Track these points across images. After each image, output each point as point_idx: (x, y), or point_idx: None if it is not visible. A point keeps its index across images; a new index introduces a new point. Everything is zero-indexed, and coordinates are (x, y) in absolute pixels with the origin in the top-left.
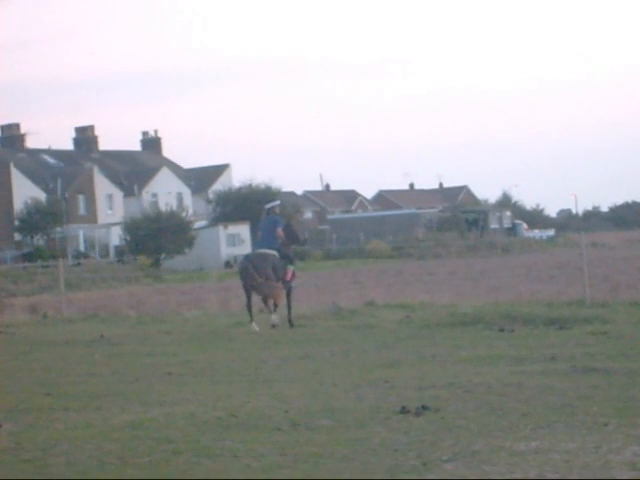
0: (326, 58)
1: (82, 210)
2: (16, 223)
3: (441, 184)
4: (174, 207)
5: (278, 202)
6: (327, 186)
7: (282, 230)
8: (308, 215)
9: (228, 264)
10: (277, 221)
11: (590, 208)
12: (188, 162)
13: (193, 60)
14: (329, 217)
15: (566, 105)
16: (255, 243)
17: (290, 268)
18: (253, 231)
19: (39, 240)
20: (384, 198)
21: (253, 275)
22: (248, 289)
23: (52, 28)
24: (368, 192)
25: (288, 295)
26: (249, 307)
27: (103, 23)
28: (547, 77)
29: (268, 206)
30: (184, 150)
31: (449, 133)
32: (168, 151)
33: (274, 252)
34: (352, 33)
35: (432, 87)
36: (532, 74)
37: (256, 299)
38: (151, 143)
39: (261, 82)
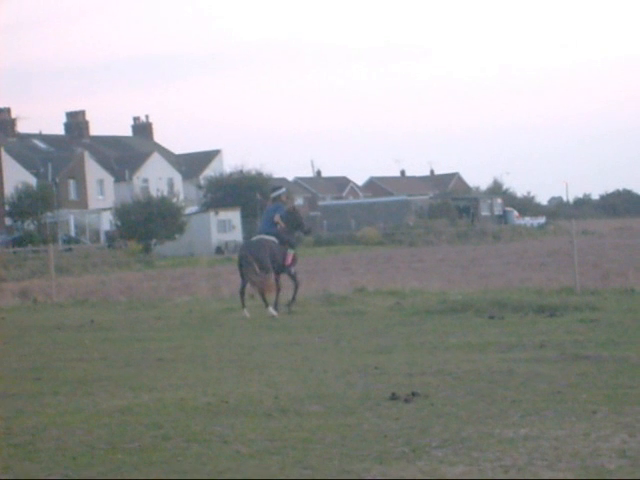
0: (318, 43)
1: (73, 195)
2: (6, 208)
3: (432, 171)
4: (165, 193)
5: (284, 190)
6: (318, 172)
7: (284, 216)
8: (299, 201)
9: (219, 250)
10: (278, 208)
11: (581, 196)
12: (179, 147)
13: (184, 45)
14: (320, 203)
15: (557, 93)
16: (257, 229)
17: (290, 252)
18: (244, 217)
19: (29, 225)
20: (375, 185)
21: (250, 265)
22: (244, 276)
23: (44, 13)
24: (359, 179)
25: (294, 279)
26: (242, 293)
27: (95, 8)
28: (538, 65)
29: (274, 194)
30: (175, 135)
31: (440, 120)
32: (159, 136)
33: (273, 238)
34: (345, 18)
35: (424, 74)
36: (523, 62)
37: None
38: (142, 128)
39: (253, 67)
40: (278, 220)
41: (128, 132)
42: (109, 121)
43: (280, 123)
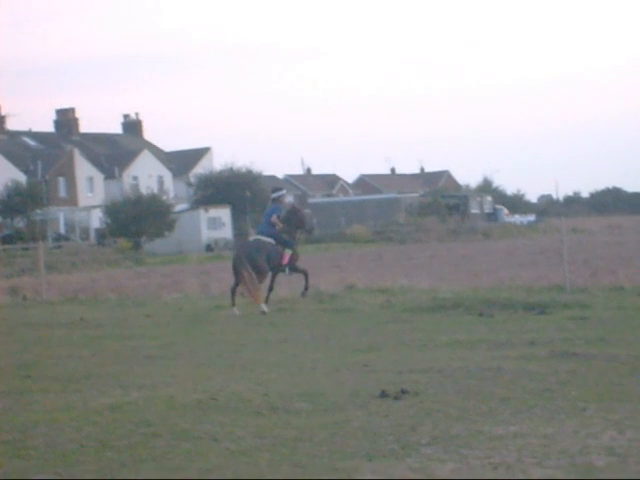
0: (306, 43)
1: (62, 192)
2: None
3: (422, 169)
4: (155, 190)
5: (284, 192)
6: (308, 170)
7: (287, 215)
8: (289, 199)
9: (209, 247)
10: (276, 209)
11: (571, 194)
12: (169, 145)
13: (175, 43)
14: (310, 201)
15: (547, 91)
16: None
17: (288, 252)
18: (234, 214)
19: (19, 222)
20: (365, 182)
21: (243, 265)
22: (237, 275)
23: (33, 9)
24: (349, 176)
25: (305, 274)
26: (233, 292)
27: (85, 4)
28: (526, 63)
29: (274, 195)
30: (165, 133)
31: (431, 118)
32: (149, 134)
33: (269, 239)
34: (336, 19)
35: (413, 72)
36: (511, 60)
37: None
38: (132, 126)
39: (242, 65)
40: (275, 221)
41: (118, 129)
42: (99, 118)
43: (270, 120)
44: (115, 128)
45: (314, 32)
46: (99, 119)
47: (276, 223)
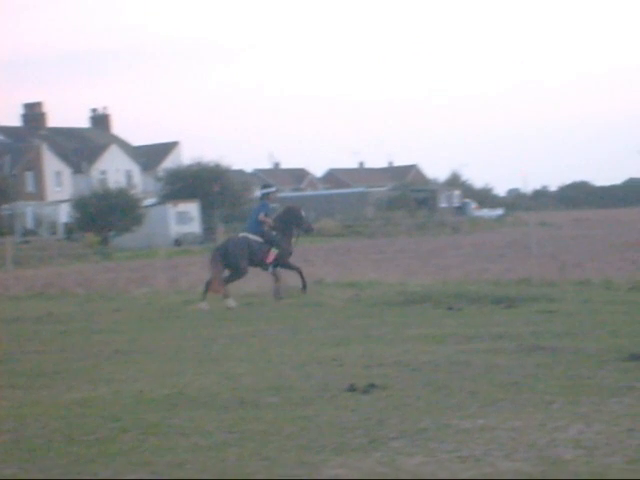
0: (272, 37)
1: (30, 187)
2: None
3: (391, 163)
4: (123, 184)
5: (274, 189)
6: (277, 164)
7: (284, 214)
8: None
9: (177, 242)
10: (263, 207)
11: (539, 187)
12: (137, 139)
13: (142, 37)
14: (279, 195)
15: (515, 84)
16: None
17: (273, 251)
18: (203, 209)
19: None
20: (334, 176)
21: (215, 261)
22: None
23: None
24: (318, 170)
25: (299, 272)
26: (207, 285)
27: None
28: (494, 57)
29: (263, 192)
30: (134, 127)
31: (399, 112)
32: (117, 128)
33: (257, 237)
34: (304, 13)
35: (380, 67)
36: (480, 55)
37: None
38: (100, 120)
39: (210, 59)
40: (264, 219)
41: (86, 124)
42: (67, 113)
43: (239, 115)
44: (83, 122)
45: (279, 26)
46: (67, 113)
47: (265, 221)
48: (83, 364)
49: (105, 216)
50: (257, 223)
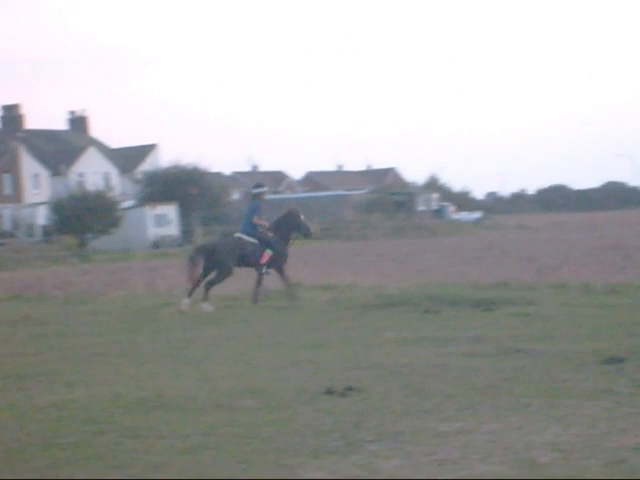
0: (250, 39)
1: (8, 189)
2: None
3: (369, 166)
4: (101, 187)
5: (265, 188)
6: (255, 167)
7: (284, 218)
8: (236, 196)
9: (155, 245)
10: (256, 208)
11: (517, 191)
12: (116, 142)
13: (121, 39)
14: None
15: (493, 88)
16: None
17: (268, 252)
18: (181, 211)
19: None
20: (312, 179)
21: (195, 258)
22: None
23: None
24: (296, 173)
25: (261, 277)
26: (207, 286)
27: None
28: (471, 60)
29: (255, 192)
30: (112, 130)
31: (378, 115)
32: (95, 130)
33: (250, 238)
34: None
35: (361, 67)
36: (458, 58)
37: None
38: (78, 122)
39: (187, 61)
40: (259, 221)
41: (64, 126)
42: (45, 115)
43: (217, 117)
44: (61, 124)
45: (254, 29)
46: (45, 115)
47: (261, 224)
48: (60, 367)
49: (83, 218)
50: (252, 225)
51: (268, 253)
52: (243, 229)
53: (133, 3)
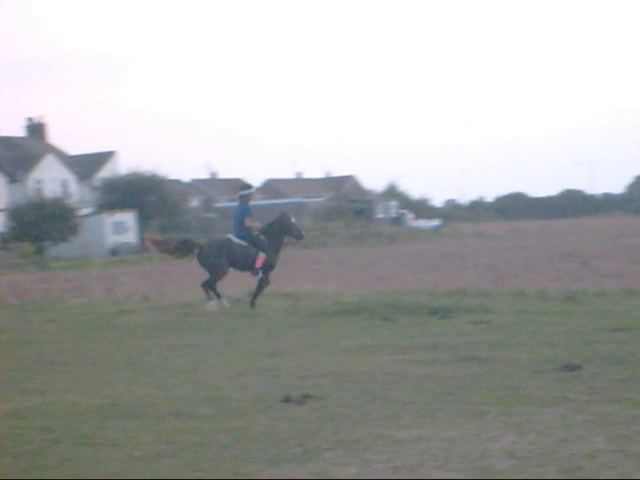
0: (212, 46)
1: None
2: None
3: (328, 173)
4: (59, 194)
5: (253, 190)
6: (214, 174)
7: (276, 221)
8: (195, 203)
9: (113, 252)
10: (245, 210)
11: (476, 198)
12: (74, 149)
13: (78, 46)
14: (216, 205)
15: (452, 98)
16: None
17: (261, 256)
18: (140, 219)
19: None
20: (271, 187)
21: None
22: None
23: None
24: (256, 181)
25: (261, 286)
26: (211, 287)
27: None
28: (430, 70)
29: (242, 193)
30: (70, 137)
31: (337, 123)
32: (53, 137)
33: (239, 241)
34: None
35: (321, 75)
36: (419, 67)
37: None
38: (36, 129)
39: (146, 67)
40: (251, 224)
41: (22, 133)
42: (2, 121)
43: (176, 125)
44: (19, 131)
45: (212, 36)
46: (2, 122)
47: (253, 225)
48: (16, 375)
49: (41, 226)
50: (241, 227)
51: (261, 256)
52: (234, 231)
53: (89, 8)
